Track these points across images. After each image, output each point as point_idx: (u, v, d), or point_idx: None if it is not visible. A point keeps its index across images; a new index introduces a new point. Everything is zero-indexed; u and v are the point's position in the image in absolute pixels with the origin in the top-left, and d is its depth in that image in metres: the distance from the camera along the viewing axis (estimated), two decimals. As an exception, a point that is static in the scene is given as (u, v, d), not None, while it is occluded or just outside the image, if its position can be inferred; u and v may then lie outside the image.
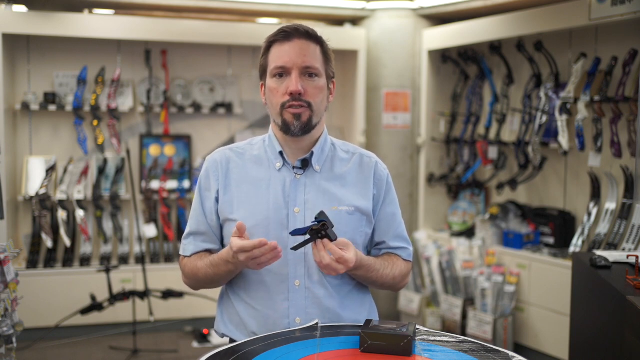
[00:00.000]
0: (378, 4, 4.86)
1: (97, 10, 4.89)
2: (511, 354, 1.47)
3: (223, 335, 1.77)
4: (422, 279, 4.77)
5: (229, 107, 4.92)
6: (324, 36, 1.75)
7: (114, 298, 4.05)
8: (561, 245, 4.08)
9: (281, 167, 1.74)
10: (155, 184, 4.75)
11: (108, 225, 4.66)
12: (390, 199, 1.81)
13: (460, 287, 4.40)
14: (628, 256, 2.30)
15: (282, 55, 1.66)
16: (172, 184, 4.82)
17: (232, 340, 1.73)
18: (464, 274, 4.35)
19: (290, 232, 1.58)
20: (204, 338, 4.38)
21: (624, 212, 3.54)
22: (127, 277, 4.44)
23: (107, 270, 4.05)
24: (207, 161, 1.79)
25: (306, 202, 1.69)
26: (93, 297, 4.06)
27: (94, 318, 4.25)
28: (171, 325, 4.58)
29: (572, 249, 3.82)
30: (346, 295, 1.74)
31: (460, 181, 4.91)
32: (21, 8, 4.43)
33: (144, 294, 4.10)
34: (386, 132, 4.99)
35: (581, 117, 3.72)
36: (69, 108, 4.54)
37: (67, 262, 4.50)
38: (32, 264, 4.42)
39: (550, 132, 4.13)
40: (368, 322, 1.55)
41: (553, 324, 3.89)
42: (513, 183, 4.33)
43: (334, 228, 1.56)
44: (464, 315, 4.32)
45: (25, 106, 4.45)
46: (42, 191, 4.23)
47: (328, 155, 1.78)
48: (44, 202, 4.28)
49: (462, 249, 4.50)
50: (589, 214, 3.81)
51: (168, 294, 4.21)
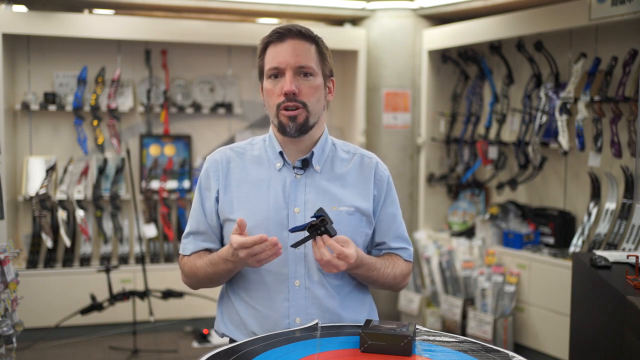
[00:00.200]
0: (378, 4, 4.86)
1: (97, 10, 4.88)
2: (511, 354, 1.47)
3: (223, 335, 1.77)
4: (422, 279, 4.77)
5: (229, 107, 4.92)
6: (322, 35, 1.74)
7: (114, 298, 4.05)
8: (561, 245, 4.08)
9: (281, 167, 1.73)
10: (155, 184, 4.75)
11: (108, 225, 4.66)
12: (390, 199, 1.80)
13: (460, 287, 4.40)
14: (628, 256, 2.30)
15: (276, 56, 1.66)
16: (172, 184, 4.83)
17: (232, 340, 1.73)
18: (464, 274, 4.35)
19: (290, 229, 1.58)
20: (204, 338, 4.38)
21: (624, 212, 3.54)
22: (127, 277, 4.44)
23: (107, 270, 4.05)
24: (207, 161, 1.79)
25: (306, 202, 1.69)
26: (93, 297, 4.06)
27: (94, 318, 4.25)
28: (171, 325, 4.58)
29: (572, 249, 3.82)
30: (346, 296, 1.74)
31: (460, 181, 4.91)
32: (21, 8, 4.43)
33: (144, 294, 4.10)
34: (386, 132, 4.99)
35: (581, 117, 3.72)
36: (69, 108, 4.54)
37: (67, 262, 4.50)
38: (32, 264, 4.42)
39: (550, 132, 4.13)
40: (368, 322, 1.55)
41: (553, 324, 3.89)
42: (513, 183, 4.33)
43: (334, 225, 1.55)
44: (464, 315, 4.32)
45: (25, 106, 4.45)
46: (42, 191, 4.24)
47: (328, 156, 1.77)
48: (44, 202, 4.28)
49: (462, 249, 4.50)
50: (589, 214, 3.81)
51: (168, 294, 4.21)
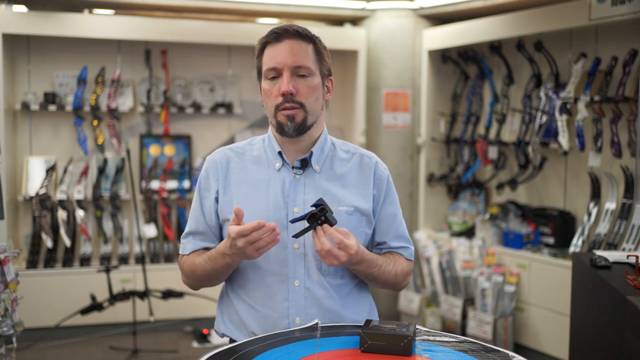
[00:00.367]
0: (378, 4, 4.86)
1: (97, 10, 4.88)
2: (511, 354, 1.47)
3: (223, 335, 1.77)
4: (422, 279, 4.77)
5: (229, 107, 4.92)
6: (322, 35, 1.74)
7: (114, 298, 4.05)
8: (561, 245, 4.08)
9: (280, 167, 1.73)
10: (155, 184, 4.75)
11: (108, 225, 4.66)
12: (390, 199, 1.80)
13: (460, 287, 4.40)
14: (628, 256, 2.30)
15: (273, 56, 1.66)
16: (172, 184, 4.82)
17: (232, 340, 1.73)
18: (464, 274, 4.35)
19: (290, 220, 1.58)
20: (204, 338, 4.38)
21: (624, 212, 3.54)
22: (127, 277, 4.44)
23: (107, 270, 4.05)
24: (207, 161, 1.79)
25: (305, 202, 1.69)
26: (93, 297, 4.06)
27: (94, 318, 4.25)
28: (171, 325, 4.58)
29: (572, 249, 3.82)
30: (346, 296, 1.74)
31: (460, 181, 4.91)
32: (21, 8, 4.43)
33: (144, 294, 4.10)
34: (386, 132, 4.99)
35: (581, 117, 3.72)
36: (69, 108, 4.54)
37: (67, 262, 4.50)
38: (32, 264, 4.42)
39: (550, 132, 4.13)
40: (368, 322, 1.55)
41: (553, 324, 3.89)
42: (513, 183, 4.32)
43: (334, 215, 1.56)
44: (464, 315, 4.32)
45: (25, 106, 4.45)
46: (42, 191, 4.23)
47: (328, 155, 1.77)
48: (44, 202, 4.28)
49: (462, 249, 4.50)
50: (589, 214, 3.81)
51: (168, 294, 4.21)
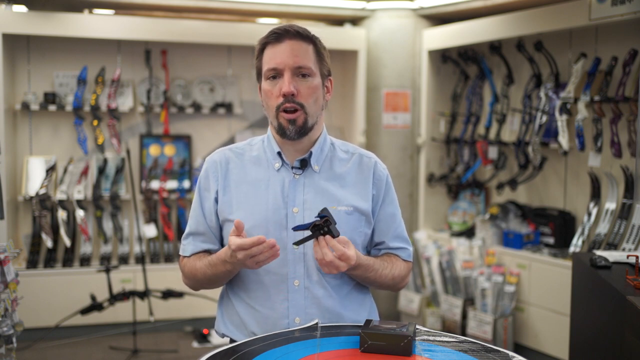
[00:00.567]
0: (378, 4, 4.86)
1: (97, 10, 4.88)
2: (511, 354, 1.47)
3: (223, 335, 1.77)
4: (422, 279, 4.77)
5: (229, 107, 4.92)
6: (321, 35, 1.74)
7: (114, 298, 4.05)
8: (561, 245, 4.08)
9: (280, 167, 1.73)
10: (155, 184, 4.75)
11: (108, 225, 4.66)
12: (389, 199, 1.80)
13: (460, 287, 4.40)
14: (628, 256, 2.30)
15: (274, 56, 1.66)
16: (172, 184, 4.83)
17: (232, 340, 1.73)
18: (464, 274, 4.35)
19: (293, 228, 1.58)
20: (204, 338, 4.38)
21: (624, 212, 3.54)
22: (127, 277, 4.44)
23: (107, 270, 4.05)
24: (206, 162, 1.79)
25: (305, 202, 1.69)
26: (93, 297, 4.06)
27: (94, 318, 4.25)
28: (171, 325, 4.58)
29: (572, 249, 3.82)
30: (346, 295, 1.74)
31: (460, 181, 4.91)
32: (21, 8, 4.43)
33: (144, 294, 4.10)
34: (386, 132, 4.99)
35: (581, 117, 3.72)
36: (69, 108, 4.54)
37: (67, 262, 4.50)
38: (32, 264, 4.42)
39: (550, 132, 4.13)
40: (368, 322, 1.55)
41: (553, 324, 3.89)
42: (513, 183, 4.32)
43: (336, 226, 1.56)
44: (464, 315, 4.32)
45: (25, 106, 4.45)
46: (42, 191, 4.23)
47: (327, 155, 1.77)
48: (44, 202, 4.28)
49: (462, 249, 4.50)
50: (589, 214, 3.81)
51: (168, 294, 4.21)
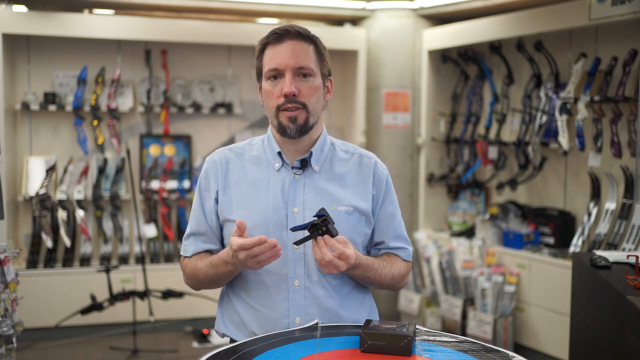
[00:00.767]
0: (378, 4, 4.86)
1: (97, 10, 4.88)
2: (511, 354, 1.47)
3: (223, 335, 1.77)
4: (422, 279, 4.77)
5: (229, 107, 4.92)
6: (322, 35, 1.74)
7: (114, 298, 4.05)
8: (561, 245, 4.08)
9: (280, 167, 1.73)
10: (155, 184, 4.75)
11: (108, 225, 4.66)
12: (389, 199, 1.80)
13: (460, 287, 4.40)
14: (628, 256, 2.30)
15: (274, 57, 1.66)
16: (172, 184, 4.83)
17: (232, 340, 1.73)
18: (464, 274, 4.35)
19: (291, 228, 1.58)
20: (204, 338, 4.38)
21: (624, 212, 3.54)
22: (127, 277, 4.44)
23: (107, 270, 4.05)
24: (206, 162, 1.79)
25: (305, 202, 1.69)
26: (93, 297, 4.06)
27: (94, 318, 4.25)
28: (171, 325, 4.58)
29: (572, 249, 3.82)
30: (346, 295, 1.74)
31: (460, 181, 4.91)
32: (21, 8, 4.43)
33: (144, 294, 4.10)
34: (386, 132, 4.99)
35: (581, 117, 3.72)
36: (69, 108, 4.54)
37: (67, 262, 4.50)
38: (32, 264, 4.42)
39: (550, 132, 4.13)
40: (368, 322, 1.55)
41: (553, 324, 3.89)
42: (513, 183, 4.32)
43: (335, 225, 1.56)
44: (464, 315, 4.32)
45: (25, 106, 4.45)
46: (42, 191, 4.23)
47: (327, 155, 1.77)
48: (44, 202, 4.28)
49: (462, 249, 4.50)
50: (589, 214, 3.81)
51: (168, 294, 4.21)
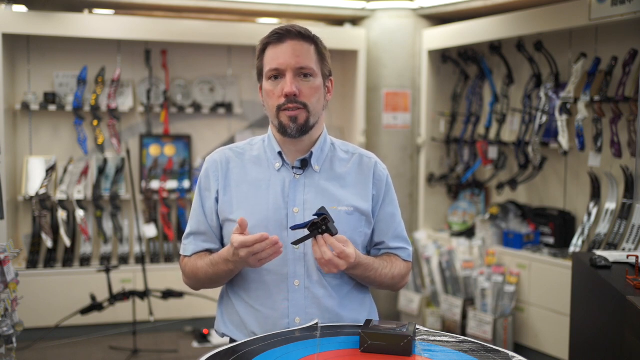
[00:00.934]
0: (378, 4, 4.86)
1: (97, 10, 4.88)
2: (511, 354, 1.47)
3: (223, 335, 1.77)
4: (422, 279, 4.77)
5: (229, 107, 4.92)
6: (322, 35, 1.74)
7: (114, 298, 4.05)
8: (561, 245, 4.08)
9: (280, 167, 1.74)
10: (155, 184, 4.75)
11: (108, 225, 4.66)
12: (389, 199, 1.80)
13: (460, 287, 4.40)
14: (628, 256, 2.30)
15: (276, 57, 1.66)
16: (172, 184, 4.82)
17: (232, 340, 1.73)
18: (464, 274, 4.35)
19: (291, 227, 1.58)
20: (204, 338, 4.38)
21: (624, 212, 3.54)
22: (127, 277, 4.44)
23: (107, 270, 4.05)
24: (207, 161, 1.79)
25: (305, 202, 1.69)
26: (93, 297, 4.06)
27: (94, 318, 4.25)
28: (171, 325, 4.58)
29: (572, 249, 3.82)
30: (346, 295, 1.74)
31: (460, 181, 4.91)
32: (21, 8, 4.43)
33: (144, 294, 4.10)
34: (386, 132, 4.99)
35: (581, 117, 3.72)
36: (69, 108, 4.54)
37: (67, 262, 4.50)
38: (32, 264, 4.42)
39: (550, 132, 4.13)
40: (368, 322, 1.55)
41: (553, 324, 3.89)
42: (513, 183, 4.32)
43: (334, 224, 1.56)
44: (464, 315, 4.32)
45: (25, 106, 4.45)
46: (42, 191, 4.23)
47: (327, 155, 1.77)
48: (44, 202, 4.28)
49: (462, 249, 4.50)
50: (589, 214, 3.81)
51: (168, 294, 4.21)
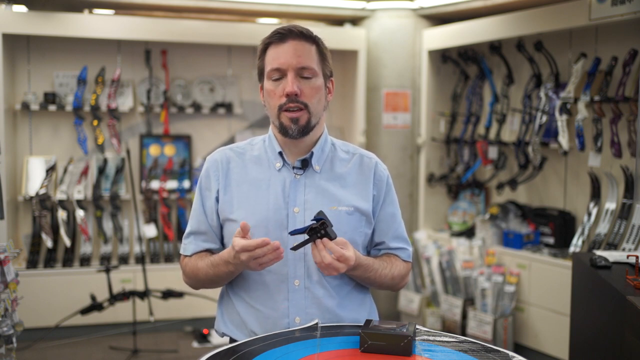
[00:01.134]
0: (378, 4, 4.86)
1: (97, 10, 4.89)
2: (511, 354, 1.47)
3: (223, 335, 1.78)
4: (422, 279, 4.77)
5: (229, 107, 4.92)
6: (322, 35, 1.74)
7: (114, 298, 4.05)
8: (561, 245, 4.08)
9: (281, 167, 1.74)
10: (155, 184, 4.75)
11: (108, 225, 4.66)
12: (390, 199, 1.81)
13: (460, 287, 4.40)
14: (628, 256, 2.30)
15: (277, 57, 1.66)
16: (172, 184, 4.83)
17: (232, 340, 1.74)
18: (464, 274, 4.35)
19: (290, 232, 1.58)
20: (204, 338, 4.38)
21: (624, 212, 3.54)
22: (127, 277, 4.44)
23: (107, 270, 4.05)
24: (207, 161, 1.79)
25: (306, 202, 1.69)
26: (93, 297, 4.06)
27: (94, 318, 4.25)
28: (171, 325, 4.58)
29: (572, 249, 3.82)
30: (346, 295, 1.74)
31: (460, 181, 4.91)
32: (21, 8, 4.43)
33: (144, 294, 4.10)
34: (386, 132, 4.99)
35: (581, 117, 3.72)
36: (69, 108, 4.54)
37: (67, 262, 4.50)
38: (32, 264, 4.42)
39: (550, 132, 4.13)
40: (368, 322, 1.55)
41: (553, 324, 3.89)
42: (513, 183, 4.32)
43: (333, 228, 1.56)
44: (464, 315, 4.32)
45: (25, 106, 4.45)
46: (42, 191, 4.23)
47: (328, 156, 1.78)
48: (44, 202, 4.28)
49: (462, 249, 4.50)
50: (589, 214, 3.81)
51: (168, 294, 4.21)
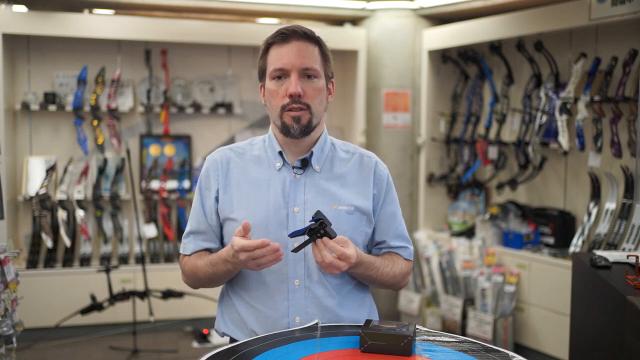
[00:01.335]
0: (378, 4, 4.86)
1: (97, 10, 4.89)
2: (511, 354, 1.47)
3: (223, 334, 1.78)
4: (422, 279, 4.77)
5: (229, 107, 4.92)
6: (323, 36, 1.75)
7: (114, 298, 4.05)
8: (561, 245, 4.08)
9: (281, 167, 1.74)
10: (155, 184, 4.75)
11: (108, 225, 4.66)
12: (390, 198, 1.81)
13: (460, 287, 4.40)
14: (628, 256, 2.30)
15: (280, 57, 1.66)
16: (172, 184, 4.83)
17: (232, 339, 1.74)
18: (464, 274, 4.35)
19: (289, 234, 1.58)
20: (204, 338, 4.38)
21: (624, 212, 3.54)
22: (127, 277, 4.44)
23: (107, 270, 4.05)
24: (207, 161, 1.80)
25: (306, 201, 1.70)
26: (93, 297, 4.06)
27: (94, 318, 4.25)
28: (171, 325, 4.58)
29: (572, 249, 3.82)
30: (346, 295, 1.74)
31: (460, 181, 4.91)
32: (21, 8, 4.43)
33: (144, 294, 4.10)
34: (386, 132, 4.99)
35: (581, 117, 3.72)
36: (69, 108, 4.54)
37: (67, 262, 4.50)
38: (32, 264, 4.42)
39: (550, 132, 4.13)
40: (368, 322, 1.55)
41: (553, 324, 3.89)
42: (513, 183, 4.32)
43: (333, 227, 1.56)
44: (464, 315, 4.32)
45: (25, 106, 4.45)
46: (42, 191, 4.23)
47: (328, 155, 1.78)
48: (44, 202, 4.28)
49: (462, 249, 4.50)
50: (589, 214, 3.81)
51: (168, 294, 4.21)
